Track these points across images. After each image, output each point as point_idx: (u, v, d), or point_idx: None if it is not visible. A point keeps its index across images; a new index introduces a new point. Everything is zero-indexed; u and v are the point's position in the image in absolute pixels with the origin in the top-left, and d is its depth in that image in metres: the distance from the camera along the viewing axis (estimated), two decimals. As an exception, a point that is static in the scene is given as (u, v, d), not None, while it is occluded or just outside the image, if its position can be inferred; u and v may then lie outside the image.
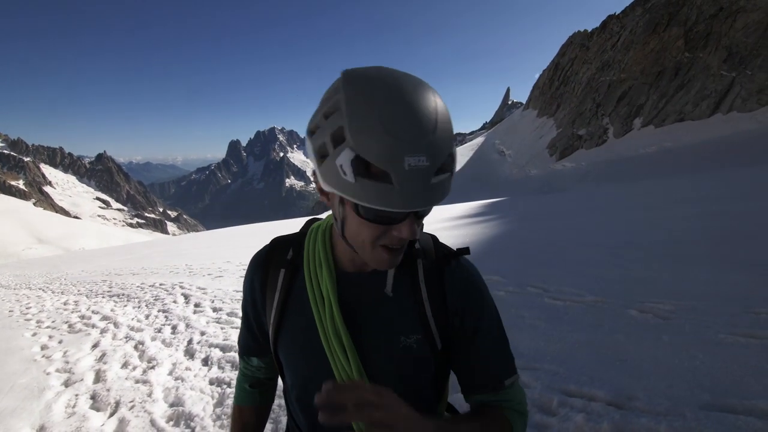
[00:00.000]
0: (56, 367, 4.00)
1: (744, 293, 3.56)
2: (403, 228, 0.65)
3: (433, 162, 0.58)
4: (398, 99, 0.59)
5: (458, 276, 0.84)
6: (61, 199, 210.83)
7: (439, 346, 0.82)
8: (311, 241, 0.87)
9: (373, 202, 0.59)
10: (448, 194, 0.64)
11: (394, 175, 0.57)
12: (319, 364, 0.81)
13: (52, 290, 9.56)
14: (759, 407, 2.11)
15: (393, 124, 0.57)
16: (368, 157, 0.57)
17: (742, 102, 26.76)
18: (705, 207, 8.19)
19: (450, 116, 0.63)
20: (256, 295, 0.90)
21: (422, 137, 0.57)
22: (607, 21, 44.98)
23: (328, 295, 0.80)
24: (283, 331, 0.85)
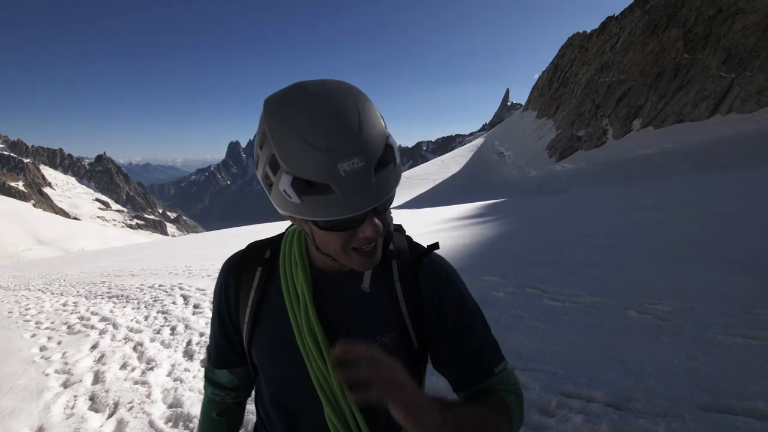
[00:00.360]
0: (55, 368, 4.00)
1: (743, 294, 3.56)
2: (365, 228, 0.65)
3: (368, 161, 0.59)
4: (315, 112, 0.60)
5: (432, 272, 0.86)
6: (61, 201, 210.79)
7: (415, 345, 0.83)
8: (287, 243, 0.87)
9: (323, 215, 0.61)
10: (398, 182, 0.66)
11: (334, 185, 0.58)
12: (295, 365, 0.80)
13: (51, 291, 9.55)
14: (758, 408, 2.11)
15: (316, 138, 0.58)
16: (305, 176, 0.59)
17: (741, 103, 26.79)
18: (704, 208, 8.20)
19: (376, 111, 0.65)
20: (231, 297, 0.89)
21: (349, 141, 0.58)
22: (606, 22, 45.04)
23: (303, 294, 0.80)
24: (258, 332, 0.84)
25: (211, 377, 0.97)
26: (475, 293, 0.98)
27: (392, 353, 0.77)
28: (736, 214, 6.97)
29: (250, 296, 0.84)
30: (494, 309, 3.99)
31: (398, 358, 0.80)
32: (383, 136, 0.63)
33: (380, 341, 0.80)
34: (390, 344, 0.81)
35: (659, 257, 5.07)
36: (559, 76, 54.54)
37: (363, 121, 0.61)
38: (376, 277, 0.83)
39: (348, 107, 0.61)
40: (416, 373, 0.87)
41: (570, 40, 54.56)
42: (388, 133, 0.65)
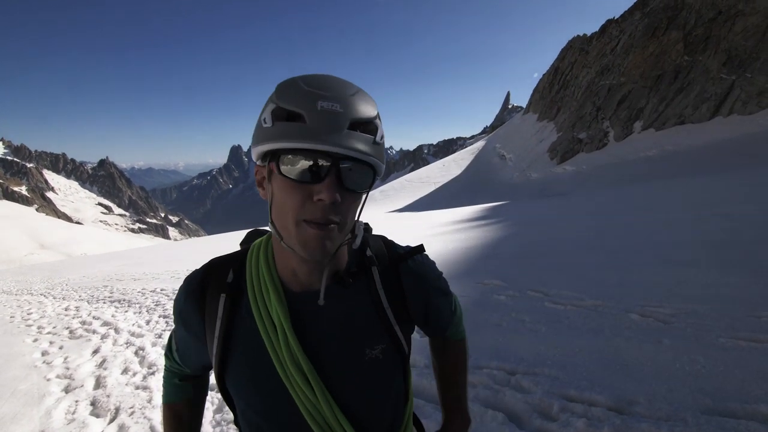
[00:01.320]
0: (57, 373, 4.00)
1: (745, 297, 3.55)
2: (323, 189, 0.63)
3: (347, 111, 0.64)
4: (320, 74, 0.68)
5: (414, 273, 0.85)
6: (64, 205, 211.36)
7: (406, 351, 0.84)
8: (253, 261, 0.81)
9: (285, 138, 0.63)
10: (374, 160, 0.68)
11: (307, 114, 0.62)
12: (278, 395, 0.75)
13: (53, 296, 9.56)
14: (761, 411, 2.10)
15: (312, 82, 0.65)
16: (286, 105, 0.64)
17: (742, 105, 26.74)
18: (705, 210, 8.17)
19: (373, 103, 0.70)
20: (192, 326, 0.82)
21: (338, 91, 0.65)
22: (606, 25, 45.07)
23: (280, 322, 0.74)
24: (231, 363, 0.78)
25: (169, 356, 0.95)
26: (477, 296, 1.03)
27: (384, 363, 0.79)
28: (738, 216, 6.95)
29: (216, 327, 0.77)
30: (496, 312, 3.98)
31: (391, 368, 0.81)
32: (371, 113, 0.67)
33: (369, 354, 0.78)
34: (381, 355, 0.79)
35: (661, 260, 5.05)
36: (560, 78, 54.56)
37: (357, 93, 0.67)
38: (356, 288, 0.80)
39: (350, 84, 0.69)
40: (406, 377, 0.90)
41: (570, 43, 54.61)
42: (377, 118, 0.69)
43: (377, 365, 0.78)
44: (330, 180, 0.64)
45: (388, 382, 0.82)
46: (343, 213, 0.67)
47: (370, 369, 0.78)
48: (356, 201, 0.70)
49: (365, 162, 0.67)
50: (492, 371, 2.89)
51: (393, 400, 0.85)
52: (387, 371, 0.81)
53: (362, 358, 0.77)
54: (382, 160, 0.69)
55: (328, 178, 0.64)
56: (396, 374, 0.84)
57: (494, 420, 2.34)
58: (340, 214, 0.66)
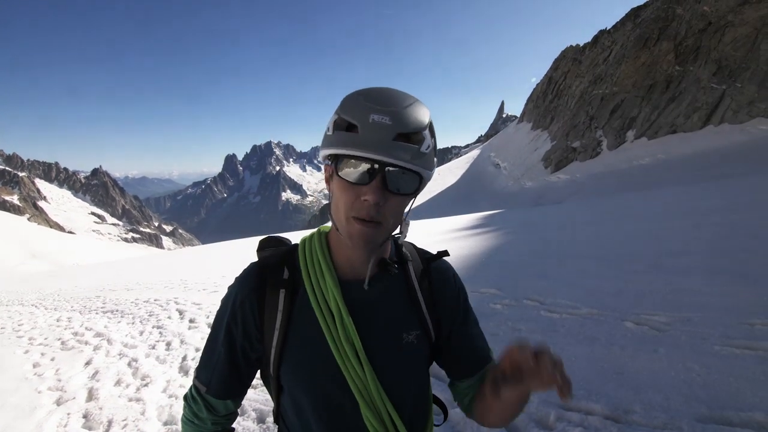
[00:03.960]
0: (48, 386, 3.94)
1: (738, 304, 3.57)
2: (369, 190, 0.73)
3: (395, 124, 0.71)
4: (381, 88, 0.77)
5: (443, 273, 0.97)
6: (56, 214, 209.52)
7: (433, 339, 0.92)
8: (308, 254, 0.90)
9: (340, 146, 0.73)
10: (421, 166, 0.75)
11: (360, 126, 0.72)
12: (332, 376, 0.83)
13: (45, 306, 9.44)
14: (755, 419, 2.11)
15: (371, 96, 0.74)
16: (345, 116, 0.74)
17: (732, 114, 27.15)
18: (698, 218, 8.25)
19: (427, 113, 0.77)
20: (249, 321, 0.86)
21: (390, 106, 0.73)
22: (599, 36, 45.79)
23: (336, 305, 0.83)
24: (288, 353, 0.84)
25: (210, 408, 0.90)
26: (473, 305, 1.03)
27: (417, 348, 0.88)
28: (731, 224, 7.02)
29: (277, 319, 0.84)
30: (491, 321, 3.99)
31: (423, 352, 0.90)
32: (421, 125, 0.75)
33: (406, 338, 0.87)
34: (415, 341, 0.88)
35: (655, 268, 5.08)
36: (554, 88, 55.21)
37: (412, 106, 0.75)
38: (394, 280, 0.90)
39: (407, 97, 0.77)
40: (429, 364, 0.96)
41: (563, 53, 55.37)
42: (427, 129, 0.76)
43: (412, 349, 0.88)
44: (375, 183, 0.73)
45: (420, 365, 0.91)
46: (386, 213, 0.76)
47: (406, 352, 0.87)
48: (401, 202, 0.79)
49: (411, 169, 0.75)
50: (488, 380, 2.88)
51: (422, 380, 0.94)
52: (419, 355, 0.90)
53: (400, 342, 0.87)
54: (429, 168, 0.78)
55: (374, 181, 0.73)
56: (425, 359, 0.92)
57: (491, 431, 2.33)
58: (383, 214, 0.75)
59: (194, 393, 0.92)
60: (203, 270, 12.28)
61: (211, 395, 0.89)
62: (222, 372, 0.88)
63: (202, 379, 0.90)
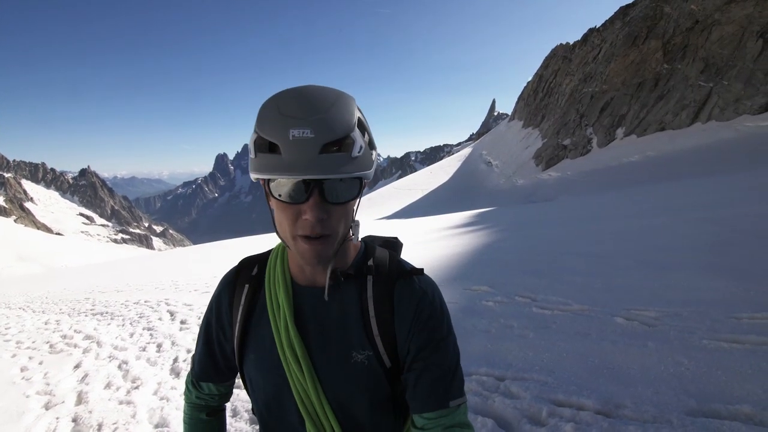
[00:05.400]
0: (36, 389, 3.89)
1: (726, 299, 3.62)
2: (307, 209, 0.69)
3: (318, 135, 0.66)
4: (296, 91, 0.70)
5: (408, 291, 0.84)
6: (43, 216, 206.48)
7: (387, 365, 0.82)
8: (272, 260, 0.91)
9: (266, 171, 0.68)
10: (358, 170, 0.70)
11: (281, 146, 0.66)
12: (281, 378, 0.83)
13: (32, 309, 9.31)
14: (743, 411, 2.14)
15: (285, 107, 0.68)
16: (263, 134, 0.68)
17: (720, 111, 27.52)
18: (686, 215, 8.35)
19: (353, 109, 0.71)
20: (223, 313, 0.92)
21: (310, 115, 0.67)
22: (588, 34, 46.11)
23: (283, 307, 0.83)
24: (247, 347, 0.87)
25: (195, 385, 1.00)
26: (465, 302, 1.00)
27: (369, 369, 0.80)
28: (719, 220, 7.11)
29: (239, 313, 0.88)
30: (484, 318, 4.00)
31: (375, 378, 0.81)
32: (346, 128, 0.68)
33: (356, 357, 0.81)
34: (366, 361, 0.81)
35: (644, 264, 5.14)
36: (544, 86, 55.53)
37: (332, 108, 0.68)
38: (349, 293, 0.84)
39: (326, 96, 0.70)
40: (392, 394, 0.85)
41: (554, 51, 55.68)
42: (355, 128, 0.70)
43: (361, 370, 0.81)
44: (314, 199, 0.69)
45: (375, 387, 0.82)
46: (332, 225, 0.73)
47: (355, 371, 0.81)
48: (346, 210, 0.75)
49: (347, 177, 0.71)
50: (481, 377, 2.89)
51: (379, 409, 0.84)
52: (372, 377, 0.82)
53: (349, 359, 0.81)
54: (367, 167, 0.72)
55: (311, 198, 0.69)
56: (380, 384, 0.82)
57: (484, 427, 2.34)
58: (329, 227, 0.72)
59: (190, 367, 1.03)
60: (194, 271, 12.18)
61: (194, 376, 0.99)
62: (201, 358, 0.96)
63: (193, 358, 1.00)
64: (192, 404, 1.01)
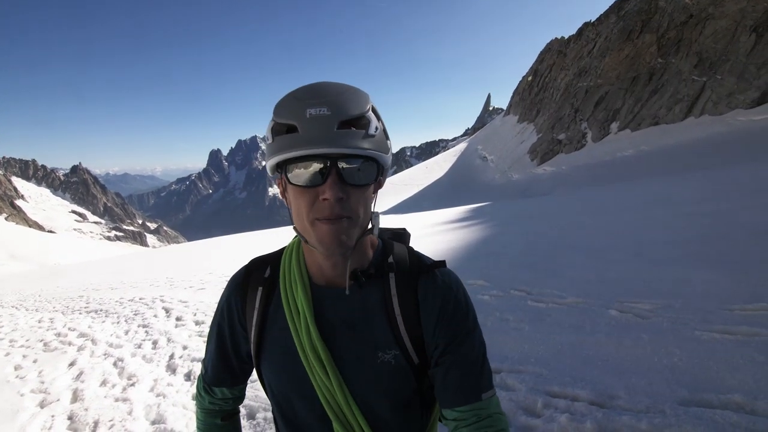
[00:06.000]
0: (31, 388, 3.87)
1: (718, 291, 3.67)
2: (326, 189, 0.69)
3: (335, 113, 0.68)
4: (313, 83, 0.73)
5: (432, 286, 0.82)
6: (35, 213, 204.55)
7: (416, 362, 0.81)
8: (286, 258, 0.88)
9: (284, 150, 0.69)
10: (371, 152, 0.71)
11: (299, 124, 0.68)
12: (300, 380, 0.81)
13: (25, 307, 9.24)
14: (734, 401, 2.17)
15: (302, 92, 0.71)
16: (281, 119, 0.70)
17: (713, 105, 27.65)
18: (679, 208, 8.42)
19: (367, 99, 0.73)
20: (235, 315, 0.90)
21: (325, 96, 0.69)
22: (583, 28, 46.09)
23: (303, 309, 0.80)
24: (264, 349, 0.86)
25: (208, 391, 0.97)
26: None
27: (396, 369, 0.79)
28: (711, 213, 7.17)
29: (254, 316, 0.86)
30: (480, 312, 3.98)
31: (402, 375, 0.80)
32: (362, 107, 0.70)
33: (382, 358, 0.79)
34: (393, 361, 0.79)
35: (638, 257, 5.18)
36: (539, 80, 55.54)
37: (347, 91, 0.71)
38: (372, 292, 0.82)
39: (342, 84, 0.73)
40: (424, 388, 0.84)
41: (549, 46, 55.63)
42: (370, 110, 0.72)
43: (388, 370, 0.80)
44: (332, 179, 0.69)
45: (403, 386, 0.82)
46: (351, 207, 0.72)
47: (381, 371, 0.80)
48: (364, 194, 0.74)
49: (366, 157, 0.71)
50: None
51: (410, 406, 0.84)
52: (400, 377, 0.80)
53: (374, 360, 0.80)
54: (383, 150, 0.74)
55: (330, 178, 0.69)
56: (406, 381, 0.82)
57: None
58: (348, 208, 0.71)
59: (200, 373, 1.00)
60: (189, 267, 12.13)
61: (207, 381, 0.96)
62: (214, 363, 0.94)
63: (204, 363, 0.98)
64: (205, 410, 0.99)
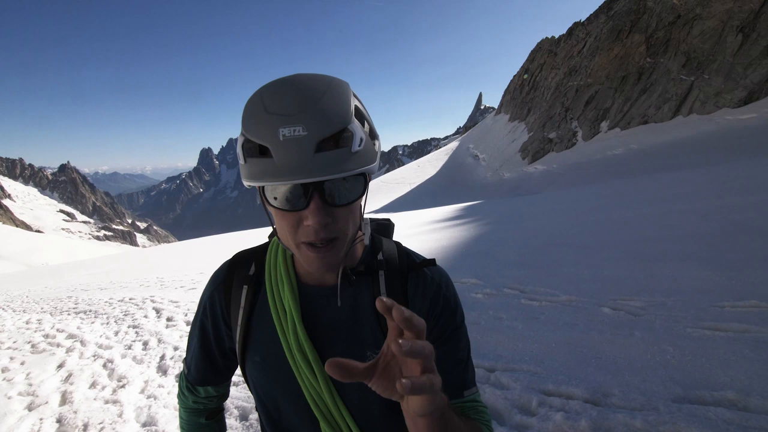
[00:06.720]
0: (18, 390, 3.79)
1: (709, 288, 3.70)
2: (308, 215, 0.63)
3: (312, 132, 0.59)
4: (282, 83, 0.64)
5: (422, 284, 0.81)
6: (22, 213, 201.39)
7: None
8: (272, 255, 0.85)
9: (258, 178, 0.62)
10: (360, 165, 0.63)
11: (271, 148, 0.60)
12: (287, 380, 0.79)
13: (12, 309, 9.08)
14: (727, 397, 2.19)
15: (272, 103, 0.61)
16: (251, 137, 0.62)
17: (701, 105, 28.04)
18: (669, 206, 8.51)
19: (349, 97, 0.64)
20: (219, 313, 0.87)
21: (299, 110, 0.60)
22: (573, 28, 46.46)
23: (290, 310, 0.78)
24: (250, 348, 0.83)
25: (191, 390, 0.95)
26: None
27: None
28: (701, 211, 7.25)
29: (239, 315, 0.82)
30: (473, 311, 4.02)
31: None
32: (343, 119, 0.61)
33: (370, 357, 0.76)
34: None
35: (630, 255, 5.22)
36: (530, 80, 55.87)
37: (323, 98, 0.61)
38: (361, 290, 0.80)
39: (316, 86, 0.63)
40: None
41: (539, 45, 55.98)
42: (352, 119, 0.63)
43: None
44: (314, 204, 0.63)
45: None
46: (339, 228, 0.67)
47: None
48: (351, 210, 0.69)
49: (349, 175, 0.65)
50: (471, 369, 2.91)
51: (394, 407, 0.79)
52: None
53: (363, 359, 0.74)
54: (369, 162, 0.66)
55: (312, 203, 0.63)
56: None
57: None
58: (336, 230, 0.66)
59: (182, 372, 0.97)
60: (180, 267, 12.01)
61: (190, 380, 0.94)
62: (197, 361, 0.91)
63: (186, 361, 0.95)
64: (189, 409, 0.97)
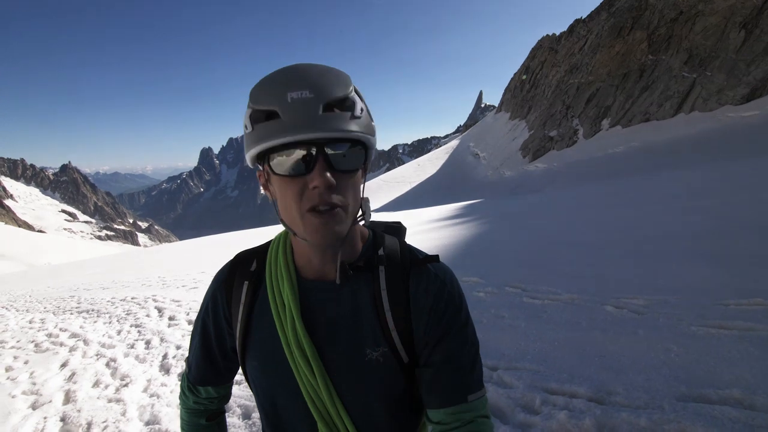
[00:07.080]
0: (22, 389, 3.80)
1: (713, 286, 3.69)
2: (315, 176, 0.65)
3: (318, 95, 0.64)
4: (289, 66, 0.69)
5: (424, 280, 0.79)
6: (24, 213, 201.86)
7: (405, 360, 0.77)
8: (273, 252, 0.85)
9: (266, 138, 0.65)
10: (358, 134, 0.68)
11: (280, 109, 0.64)
12: (286, 377, 0.78)
13: (16, 308, 9.10)
14: (733, 396, 2.18)
15: (280, 76, 0.66)
16: (260, 106, 0.66)
17: (703, 102, 27.91)
18: (671, 204, 8.49)
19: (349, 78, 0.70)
20: (221, 312, 0.87)
21: (306, 78, 0.65)
22: (574, 25, 46.27)
23: (289, 304, 0.77)
24: (249, 346, 0.83)
25: (192, 390, 0.95)
26: None
27: (384, 367, 0.76)
28: (704, 209, 7.24)
29: (240, 311, 0.82)
30: (475, 309, 4.02)
31: (391, 374, 0.77)
32: (345, 88, 0.67)
33: (370, 355, 0.76)
34: (381, 358, 0.76)
35: (632, 253, 5.21)
36: (531, 77, 55.72)
37: (328, 72, 0.67)
38: (360, 286, 0.78)
39: (321, 66, 0.69)
40: (409, 388, 0.80)
41: (540, 43, 55.78)
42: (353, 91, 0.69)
43: (375, 367, 0.76)
44: (319, 166, 0.65)
45: (387, 386, 0.78)
46: (342, 194, 0.68)
47: (369, 369, 0.76)
48: (353, 180, 0.71)
49: (352, 140, 0.69)
50: (474, 368, 2.90)
51: (399, 405, 0.81)
52: (387, 376, 0.77)
53: (362, 357, 0.76)
54: (370, 133, 0.71)
55: (317, 165, 0.65)
56: (397, 382, 0.78)
57: None
58: (340, 195, 0.68)
59: (184, 372, 0.97)
60: (182, 266, 12.03)
61: (190, 380, 0.94)
62: (198, 361, 0.91)
63: (188, 360, 0.95)
64: (190, 410, 0.96)
